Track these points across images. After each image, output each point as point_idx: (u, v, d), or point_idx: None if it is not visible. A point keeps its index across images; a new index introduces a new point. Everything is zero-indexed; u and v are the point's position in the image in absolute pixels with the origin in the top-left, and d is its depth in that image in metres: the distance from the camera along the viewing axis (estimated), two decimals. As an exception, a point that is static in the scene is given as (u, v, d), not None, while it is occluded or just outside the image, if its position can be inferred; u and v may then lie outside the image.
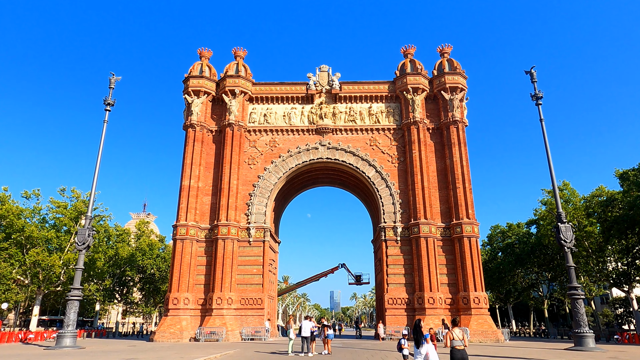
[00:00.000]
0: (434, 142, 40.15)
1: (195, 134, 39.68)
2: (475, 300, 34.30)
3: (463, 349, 8.96)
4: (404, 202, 38.53)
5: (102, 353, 20.46)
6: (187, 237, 36.65)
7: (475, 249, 35.80)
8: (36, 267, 44.62)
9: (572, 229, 26.01)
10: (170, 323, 34.45)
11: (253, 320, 35.92)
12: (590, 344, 23.02)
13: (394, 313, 35.64)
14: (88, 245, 26.91)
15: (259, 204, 39.14)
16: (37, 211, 48.01)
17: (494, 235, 66.82)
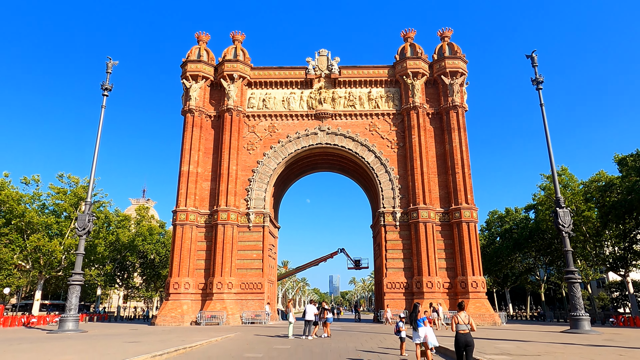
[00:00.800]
0: (434, 127, 40.02)
1: (193, 119, 39.49)
2: (473, 284, 34.65)
3: (468, 333, 9.07)
4: (403, 188, 38.60)
5: (104, 336, 20.73)
6: (187, 222, 36.78)
7: (474, 233, 36.02)
8: (37, 253, 44.85)
9: (570, 214, 26.13)
10: (171, 307, 34.81)
11: (253, 304, 36.30)
12: (586, 327, 23.35)
13: (393, 297, 36.01)
14: (88, 231, 27.00)
15: (258, 189, 39.19)
16: (36, 197, 48.07)
17: (492, 221, 67.21)
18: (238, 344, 18.05)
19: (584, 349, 14.01)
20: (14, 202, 44.37)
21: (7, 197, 44.08)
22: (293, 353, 14.66)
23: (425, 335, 11.58)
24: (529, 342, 16.79)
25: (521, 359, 10.86)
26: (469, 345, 9.00)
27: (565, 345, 15.08)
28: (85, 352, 13.00)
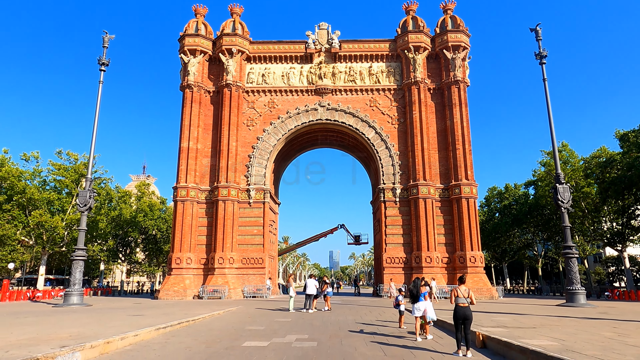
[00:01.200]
0: (435, 102, 39.66)
1: (192, 95, 39.10)
2: (472, 259, 35.09)
3: (467, 307, 9.23)
4: (403, 164, 38.57)
5: (109, 310, 21.15)
6: (187, 198, 36.93)
7: (473, 209, 36.22)
8: (40, 229, 45.25)
9: (569, 190, 26.19)
10: (173, 282, 35.37)
11: (254, 278, 36.86)
12: (581, 300, 23.77)
13: (392, 272, 36.51)
14: (89, 207, 27.14)
15: (258, 165, 39.17)
16: (37, 173, 48.14)
17: (492, 197, 67.47)
18: (240, 317, 18.43)
19: (578, 321, 14.31)
20: (15, 178, 44.46)
21: (8, 174, 44.14)
22: (294, 325, 14.99)
23: (424, 310, 11.82)
24: (525, 315, 17.13)
25: (517, 331, 11.09)
26: (467, 318, 9.18)
27: (560, 318, 15.40)
28: (90, 324, 13.29)
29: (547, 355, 7.33)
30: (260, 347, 10.25)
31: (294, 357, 9.04)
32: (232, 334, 12.67)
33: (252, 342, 11.12)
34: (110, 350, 9.65)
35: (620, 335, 10.46)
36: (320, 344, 10.76)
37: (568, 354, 7.27)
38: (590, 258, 73.05)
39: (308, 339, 11.73)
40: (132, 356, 9.14)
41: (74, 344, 8.79)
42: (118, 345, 10.04)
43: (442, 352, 9.60)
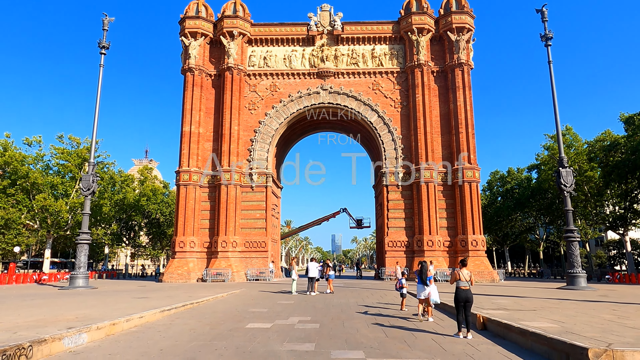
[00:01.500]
0: (438, 85, 39.28)
1: (194, 79, 38.83)
2: (473, 243, 35.25)
3: (468, 290, 9.32)
4: (406, 147, 38.43)
5: (114, 292, 21.44)
6: (190, 182, 37.03)
7: (476, 193, 36.23)
8: (44, 212, 45.59)
9: (572, 174, 26.11)
10: (177, 265, 35.73)
11: (257, 262, 37.19)
12: (582, 283, 23.93)
13: (394, 255, 36.74)
14: (93, 191, 27.29)
15: (260, 149, 39.11)
16: (40, 158, 48.27)
17: (494, 181, 67.40)
18: (243, 299, 18.67)
19: (578, 304, 14.43)
20: (18, 163, 44.62)
21: (11, 158, 44.30)
22: (296, 308, 15.18)
23: (429, 293, 12.06)
24: (525, 297, 17.28)
25: (517, 314, 11.20)
26: (468, 301, 9.28)
27: (560, 301, 15.53)
28: (96, 307, 13.49)
29: (546, 336, 7.41)
30: (264, 329, 10.40)
31: (296, 338, 9.18)
32: (235, 316, 12.86)
33: (255, 323, 11.29)
34: (116, 331, 9.82)
35: (620, 317, 10.55)
36: (323, 326, 10.91)
37: (567, 336, 7.35)
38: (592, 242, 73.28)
39: (310, 321, 11.89)
40: (138, 337, 9.31)
41: (81, 326, 8.94)
42: (123, 327, 10.20)
43: (443, 334, 9.72)
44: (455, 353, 7.73)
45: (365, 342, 8.77)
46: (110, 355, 7.51)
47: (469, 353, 7.74)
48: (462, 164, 36.56)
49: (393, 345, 8.45)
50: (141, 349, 8.03)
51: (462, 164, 36.56)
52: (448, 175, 37.50)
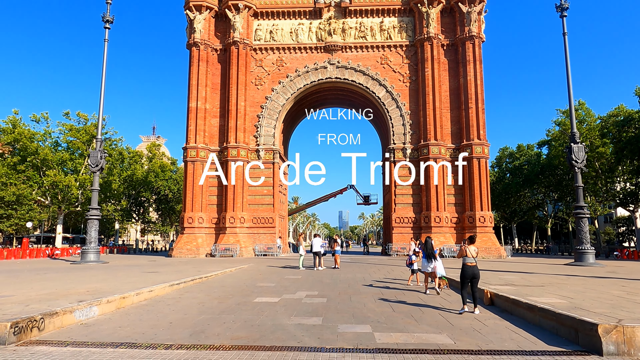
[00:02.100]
0: (448, 59, 38.42)
1: (199, 53, 38.33)
2: (481, 219, 35.17)
3: (475, 266, 9.27)
4: (414, 123, 37.95)
5: (125, 267, 21.80)
6: (197, 159, 37.09)
7: (485, 169, 35.93)
8: (54, 189, 46.15)
9: (584, 150, 25.66)
10: (186, 240, 36.19)
11: (265, 237, 37.52)
12: (590, 260, 23.85)
13: (401, 231, 36.83)
14: (101, 167, 27.44)
15: (267, 125, 38.87)
16: (48, 134, 48.54)
17: (503, 157, 66.69)
18: (251, 274, 18.89)
19: (586, 280, 14.38)
20: (27, 139, 44.93)
21: (20, 135, 44.59)
22: (304, 283, 15.32)
23: (434, 267, 12.67)
24: (533, 273, 17.26)
25: (525, 289, 11.18)
26: (475, 277, 9.24)
27: (568, 277, 15.49)
28: (107, 281, 13.71)
29: (554, 312, 7.37)
30: (272, 303, 10.51)
31: (304, 312, 9.26)
32: (243, 290, 13.00)
33: (263, 298, 11.41)
34: (126, 305, 9.97)
35: (629, 293, 10.49)
36: (330, 300, 10.99)
37: (576, 312, 7.31)
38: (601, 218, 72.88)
39: (318, 295, 11.99)
40: (148, 310, 9.45)
41: (91, 299, 9.08)
42: (134, 300, 10.36)
43: (449, 310, 9.74)
44: (463, 327, 7.74)
45: (372, 316, 8.81)
46: (121, 328, 7.63)
47: (477, 328, 7.75)
48: (471, 139, 36.10)
49: (400, 319, 8.48)
50: (151, 322, 8.15)
51: (471, 139, 36.10)
52: (457, 151, 37.10)
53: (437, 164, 36.19)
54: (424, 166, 36.53)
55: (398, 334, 7.18)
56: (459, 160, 36.71)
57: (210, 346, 6.35)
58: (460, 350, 6.24)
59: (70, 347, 6.33)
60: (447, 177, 36.78)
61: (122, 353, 6.01)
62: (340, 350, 6.16)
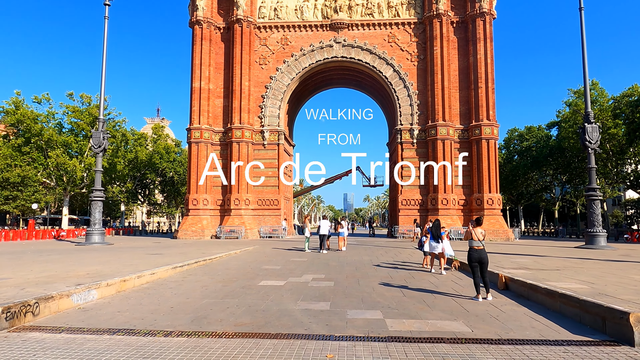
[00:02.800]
0: (458, 37, 37.27)
1: (202, 32, 37.45)
2: (489, 202, 34.62)
3: (482, 249, 8.79)
4: (422, 103, 37.11)
5: (129, 249, 21.60)
6: (201, 140, 36.62)
7: (493, 150, 35.21)
8: (59, 170, 46.02)
9: (598, 130, 24.86)
10: (191, 222, 36.01)
11: (270, 219, 37.27)
12: (601, 243, 23.34)
13: (407, 213, 36.41)
14: (104, 148, 27.04)
15: (272, 106, 38.18)
16: (51, 116, 48.16)
17: (511, 139, 65.62)
18: (256, 256, 18.60)
19: (602, 263, 13.92)
20: (31, 121, 44.61)
21: (23, 116, 44.25)
22: (310, 265, 14.98)
23: (442, 248, 13.08)
24: (545, 256, 16.82)
25: (540, 274, 10.75)
26: (482, 261, 8.75)
27: (582, 260, 15.03)
28: (110, 263, 13.44)
29: (578, 299, 6.93)
30: (277, 287, 10.16)
31: (310, 296, 8.89)
32: (248, 273, 12.68)
33: (268, 281, 11.06)
34: (127, 288, 9.65)
35: (651, 278, 10.01)
36: (337, 284, 10.62)
37: (601, 298, 6.86)
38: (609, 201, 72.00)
39: (324, 279, 11.63)
40: (149, 294, 9.12)
41: (91, 282, 8.75)
42: (135, 283, 10.04)
43: (463, 295, 9.34)
44: (479, 314, 7.33)
45: (382, 301, 8.42)
46: (119, 312, 7.29)
47: (493, 314, 7.33)
48: (480, 120, 35.29)
49: (412, 305, 8.08)
50: (151, 306, 7.81)
51: (480, 120, 35.29)
52: (465, 132, 36.34)
53: (445, 145, 35.49)
54: (432, 147, 35.86)
55: (411, 321, 6.79)
56: (468, 141, 35.99)
57: (212, 333, 5.99)
58: (479, 339, 5.83)
59: (65, 333, 5.99)
60: (455, 158, 36.12)
61: (118, 340, 5.66)
62: (350, 339, 5.77)
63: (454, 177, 35.84)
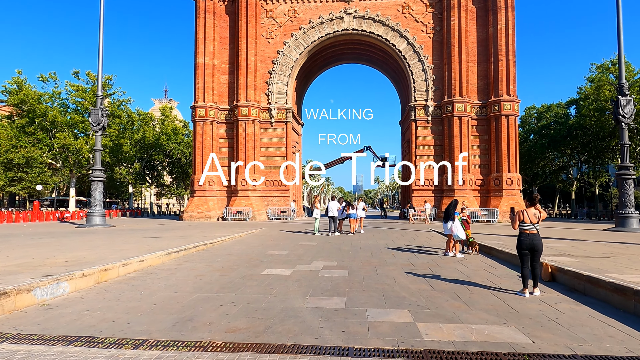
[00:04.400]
0: (476, 7, 34.93)
1: (205, 4, 35.59)
2: (508, 182, 32.86)
3: (536, 234, 7.26)
4: (437, 78, 35.08)
5: (129, 231, 20.46)
6: (206, 118, 35.16)
7: (514, 128, 33.25)
8: (65, 151, 45.06)
9: (633, 103, 22.83)
10: (197, 204, 34.88)
11: (278, 201, 36.01)
12: (634, 225, 21.63)
13: (421, 194, 34.87)
14: (103, 126, 25.76)
15: (279, 82, 36.45)
16: (57, 95, 46.98)
17: (528, 117, 63.05)
18: (262, 240, 17.30)
19: (649, 249, 12.31)
20: (35, 101, 43.50)
21: (27, 96, 43.13)
22: (320, 250, 13.62)
23: (451, 227, 12.20)
24: (580, 240, 15.24)
25: (590, 262, 9.24)
26: (536, 249, 7.23)
27: (626, 245, 13.43)
28: (99, 247, 12.21)
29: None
30: (282, 277, 8.80)
31: (321, 290, 7.50)
32: (251, 260, 11.35)
33: (273, 269, 9.71)
34: (108, 278, 8.35)
35: None
36: (352, 273, 9.23)
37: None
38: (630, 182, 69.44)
39: (337, 266, 10.24)
40: (133, 286, 7.80)
41: (63, 272, 7.45)
42: (119, 273, 8.75)
43: (502, 288, 7.87)
44: (532, 316, 5.88)
45: (408, 296, 7.00)
46: (88, 312, 5.97)
47: (551, 316, 5.87)
48: (499, 95, 33.25)
49: (445, 302, 6.65)
50: (130, 303, 6.48)
51: (499, 95, 33.25)
52: (483, 108, 34.36)
53: (462, 123, 33.60)
54: (448, 125, 34.00)
55: (450, 326, 5.36)
56: (486, 118, 34.07)
57: (195, 345, 4.63)
58: (547, 355, 4.38)
59: (7, 343, 4.67)
60: (472, 136, 34.26)
61: (70, 355, 4.32)
62: (375, 355, 4.37)
63: (471, 157, 34.08)
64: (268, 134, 36.40)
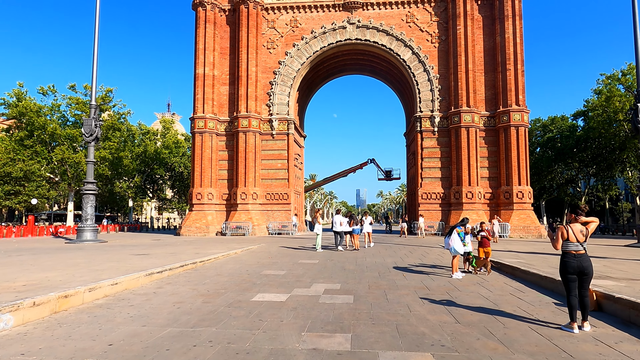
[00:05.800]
0: (483, 15, 34.07)
1: (206, 14, 34.92)
2: (519, 195, 31.50)
3: (584, 255, 5.92)
4: (443, 89, 34.05)
5: (119, 247, 19.20)
6: (206, 130, 34.17)
7: (523, 138, 32.02)
8: (64, 165, 44.13)
9: (653, 111, 21.61)
10: (195, 218, 33.65)
11: (280, 215, 34.73)
12: (659, 241, 20.25)
13: (428, 208, 33.52)
14: (96, 137, 24.73)
15: (281, 93, 35.51)
16: (56, 108, 46.28)
17: (534, 129, 61.91)
18: (259, 257, 15.97)
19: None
20: (34, 113, 42.76)
21: (26, 109, 42.39)
22: (322, 270, 12.29)
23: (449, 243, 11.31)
24: (607, 259, 13.87)
25: (636, 286, 7.90)
26: (585, 273, 5.90)
27: (662, 264, 12.05)
28: (76, 266, 10.96)
29: None
30: (276, 304, 7.49)
31: (321, 323, 6.19)
32: (243, 282, 10.04)
33: (266, 294, 8.40)
34: (69, 306, 7.06)
35: None
36: (358, 300, 7.90)
37: None
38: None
39: (340, 290, 8.92)
40: (94, 317, 6.50)
41: (8, 302, 6.18)
42: (84, 299, 7.46)
43: (543, 322, 6.52)
44: (593, 363, 4.55)
45: (428, 332, 5.68)
46: (23, 357, 4.69)
47: (617, 364, 4.54)
48: (508, 105, 32.13)
49: (476, 340, 5.33)
50: (81, 343, 5.19)
51: (508, 105, 32.13)
52: (491, 119, 33.22)
53: (470, 134, 32.43)
54: (455, 136, 32.83)
55: (490, 381, 4.05)
56: (494, 129, 32.89)
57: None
58: None
59: None
60: (481, 148, 33.05)
61: None
62: None
63: (480, 169, 32.81)
64: (269, 146, 35.34)
